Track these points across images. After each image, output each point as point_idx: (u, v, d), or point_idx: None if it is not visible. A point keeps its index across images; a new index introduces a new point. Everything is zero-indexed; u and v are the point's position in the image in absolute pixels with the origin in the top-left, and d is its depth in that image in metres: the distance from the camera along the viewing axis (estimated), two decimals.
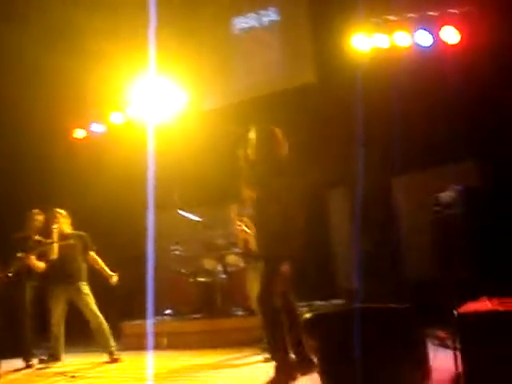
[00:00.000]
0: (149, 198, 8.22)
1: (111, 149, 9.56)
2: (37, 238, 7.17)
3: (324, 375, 2.50)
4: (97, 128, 9.94)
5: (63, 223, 7.10)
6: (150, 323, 7.36)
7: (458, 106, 7.20)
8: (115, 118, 9.76)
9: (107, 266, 7.16)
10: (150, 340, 6.98)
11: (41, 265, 6.95)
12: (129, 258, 8.38)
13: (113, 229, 9.33)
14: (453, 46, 7.84)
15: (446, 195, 5.77)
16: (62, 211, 7.18)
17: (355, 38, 8.26)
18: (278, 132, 5.10)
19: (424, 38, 7.97)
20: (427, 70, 7.69)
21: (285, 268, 4.81)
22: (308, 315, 2.68)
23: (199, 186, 9.00)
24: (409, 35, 8.05)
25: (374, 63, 8.15)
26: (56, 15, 8.62)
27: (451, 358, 3.28)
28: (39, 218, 7.27)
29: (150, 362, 6.09)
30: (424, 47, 7.99)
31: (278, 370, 4.43)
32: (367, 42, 8.29)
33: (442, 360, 3.97)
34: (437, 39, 7.94)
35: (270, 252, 4.80)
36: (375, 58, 8.25)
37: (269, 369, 4.78)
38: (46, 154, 9.42)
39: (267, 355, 5.67)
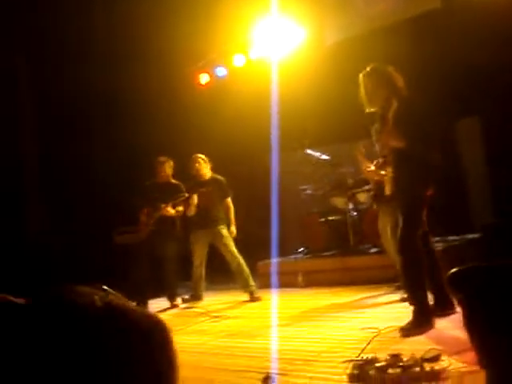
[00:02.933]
0: (272, 136, 8.36)
1: (235, 92, 9.67)
2: (174, 182, 7.48)
3: (477, 343, 2.43)
4: (220, 72, 10.04)
5: (204, 168, 7.34)
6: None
7: None
8: (238, 61, 9.80)
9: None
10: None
11: (179, 209, 7.29)
12: (260, 200, 8.57)
13: (241, 173, 9.52)
14: None
15: None
16: (202, 156, 7.40)
17: None
18: (393, 71, 4.88)
19: None
20: None
21: (425, 210, 4.78)
22: (455, 269, 2.61)
23: (326, 122, 8.91)
24: None
25: None
26: None
27: None
28: (169, 164, 7.52)
29: (286, 301, 6.35)
30: None
31: (417, 313, 4.45)
32: None
33: None
34: None
35: (410, 194, 4.75)
36: None
37: (404, 309, 4.86)
38: (173, 101, 9.71)
39: (403, 295, 5.71)
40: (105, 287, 3.22)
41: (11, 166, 9.17)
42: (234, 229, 7.29)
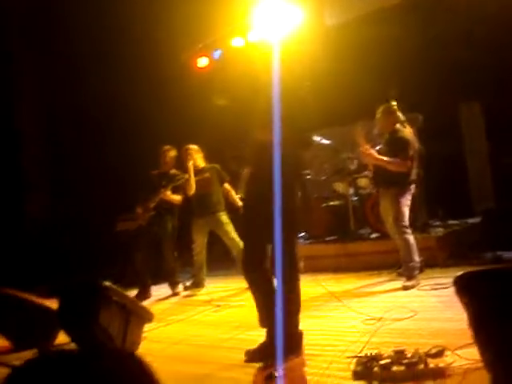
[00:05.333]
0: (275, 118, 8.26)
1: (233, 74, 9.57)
2: (172, 171, 7.46)
3: (482, 345, 2.43)
4: (219, 55, 9.93)
5: (197, 158, 7.33)
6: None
7: None
8: (237, 43, 9.69)
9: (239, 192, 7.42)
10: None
11: (177, 197, 7.28)
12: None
13: (241, 155, 9.47)
14: None
15: None
16: (194, 146, 7.39)
17: None
18: None
19: None
20: None
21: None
22: (462, 273, 2.59)
23: (325, 105, 8.82)
24: None
25: None
26: None
27: None
28: (172, 153, 7.51)
29: None
30: None
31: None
32: None
33: None
34: None
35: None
36: None
37: (405, 298, 5.03)
38: (174, 88, 9.63)
39: (405, 282, 5.73)
40: (107, 284, 3.23)
41: (12, 154, 9.13)
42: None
